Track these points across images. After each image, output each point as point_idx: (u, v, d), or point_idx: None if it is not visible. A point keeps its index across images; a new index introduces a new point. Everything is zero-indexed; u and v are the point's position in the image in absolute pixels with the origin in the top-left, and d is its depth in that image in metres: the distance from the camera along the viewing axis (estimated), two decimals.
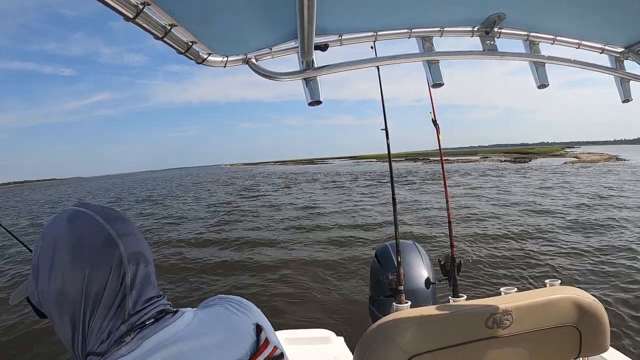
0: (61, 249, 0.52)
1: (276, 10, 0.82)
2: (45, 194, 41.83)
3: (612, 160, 31.39)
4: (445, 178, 2.13)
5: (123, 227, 0.56)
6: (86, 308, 0.51)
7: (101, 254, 0.52)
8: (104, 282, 0.51)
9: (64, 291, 0.51)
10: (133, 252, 0.55)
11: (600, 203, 10.42)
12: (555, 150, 64.11)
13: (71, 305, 0.51)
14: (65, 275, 0.51)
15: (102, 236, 0.53)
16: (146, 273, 0.56)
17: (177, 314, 0.57)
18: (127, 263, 0.53)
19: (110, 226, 0.54)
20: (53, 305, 0.52)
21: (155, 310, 0.55)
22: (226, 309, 0.62)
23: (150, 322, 0.53)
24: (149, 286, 0.56)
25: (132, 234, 0.56)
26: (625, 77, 1.22)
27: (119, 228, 0.55)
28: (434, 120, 2.03)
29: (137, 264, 0.55)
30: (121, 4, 0.61)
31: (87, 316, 0.51)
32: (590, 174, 20.10)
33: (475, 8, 0.96)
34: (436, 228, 8.32)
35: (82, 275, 0.51)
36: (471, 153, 77.33)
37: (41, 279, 0.53)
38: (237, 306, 0.64)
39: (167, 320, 0.55)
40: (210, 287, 5.63)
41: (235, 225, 10.69)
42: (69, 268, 0.51)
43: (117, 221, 0.56)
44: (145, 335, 0.52)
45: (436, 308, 0.93)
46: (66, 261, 0.51)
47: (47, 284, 0.52)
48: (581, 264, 5.47)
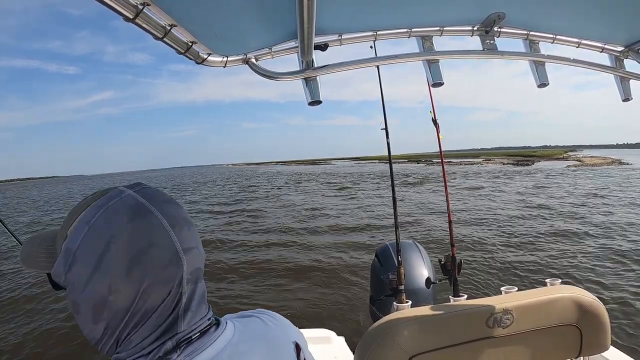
0: (117, 253, 0.43)
1: (276, 10, 0.82)
2: (50, 191, 41.81)
3: (615, 164, 31.29)
4: (446, 178, 2.13)
5: (188, 237, 0.48)
6: (129, 322, 0.45)
7: (164, 270, 0.45)
8: (159, 303, 0.45)
9: (108, 300, 0.44)
10: (193, 270, 0.48)
11: (600, 204, 10.41)
12: (557, 154, 63.99)
13: (112, 315, 0.45)
14: (115, 285, 0.43)
15: (168, 250, 0.46)
16: (202, 292, 0.51)
17: (220, 326, 0.53)
18: (187, 283, 0.47)
19: (177, 237, 0.47)
20: (88, 306, 0.45)
21: (202, 325, 0.50)
22: (263, 322, 0.59)
23: (196, 337, 0.49)
24: (202, 306, 0.51)
25: (195, 247, 0.49)
26: (625, 76, 1.22)
27: (185, 239, 0.48)
28: (434, 120, 2.03)
29: (195, 283, 0.49)
30: (121, 4, 0.61)
31: (129, 329, 0.45)
32: (593, 177, 20.07)
33: (475, 7, 0.96)
34: (436, 228, 8.31)
35: (136, 290, 0.44)
36: (473, 155, 77.30)
37: (78, 271, 0.45)
38: (274, 320, 0.61)
39: (211, 334, 0.51)
40: (210, 286, 5.63)
41: (235, 224, 10.70)
42: (123, 278, 0.43)
43: (184, 227, 0.48)
44: (191, 352, 0.47)
45: (437, 308, 0.93)
46: (121, 269, 0.43)
47: (87, 282, 0.44)
48: (582, 263, 5.46)
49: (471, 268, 5.34)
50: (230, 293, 5.29)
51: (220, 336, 0.51)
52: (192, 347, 0.48)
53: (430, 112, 2.03)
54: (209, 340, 0.50)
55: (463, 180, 20.20)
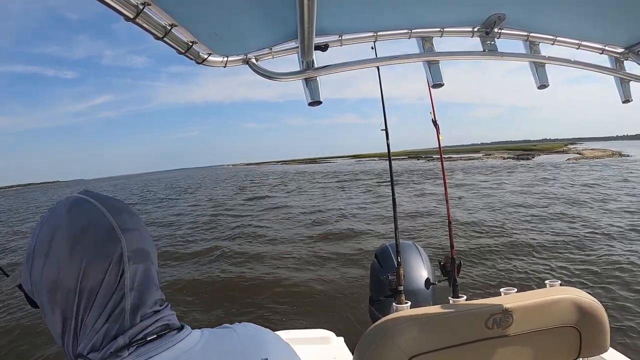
0: (60, 238, 0.48)
1: (276, 10, 0.82)
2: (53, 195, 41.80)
3: (615, 157, 31.22)
4: (445, 178, 2.13)
5: (129, 220, 0.52)
6: (80, 303, 0.48)
7: (101, 247, 0.48)
8: (101, 278, 0.48)
9: (58, 282, 0.48)
10: (136, 249, 0.50)
11: (601, 201, 10.41)
12: (557, 147, 63.79)
13: (64, 298, 0.48)
14: (61, 266, 0.47)
15: (104, 228, 0.49)
16: (149, 274, 0.52)
17: (182, 331, 0.52)
18: (128, 260, 0.49)
19: (114, 218, 0.50)
20: (45, 295, 0.49)
21: (158, 324, 0.50)
22: (238, 335, 0.55)
23: (152, 338, 0.49)
24: (151, 288, 0.52)
25: (137, 229, 0.52)
26: (626, 78, 1.22)
27: (124, 221, 0.51)
28: (434, 121, 2.03)
29: (138, 263, 0.50)
30: (121, 4, 0.61)
31: (81, 312, 0.48)
32: (594, 170, 20.06)
33: (475, 8, 0.96)
34: (436, 228, 8.31)
35: (78, 268, 0.47)
36: (474, 150, 77.25)
37: (35, 266, 0.49)
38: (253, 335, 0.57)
39: (170, 337, 0.50)
40: (211, 287, 5.63)
41: (236, 224, 10.70)
42: (66, 258, 0.47)
43: (123, 213, 0.52)
44: (143, 352, 0.47)
45: (436, 308, 0.93)
46: (64, 251, 0.48)
47: (42, 273, 0.49)
48: (581, 264, 5.46)
49: (471, 269, 5.35)
50: (231, 293, 5.30)
51: (181, 341, 0.50)
52: (145, 347, 0.48)
53: (430, 113, 2.03)
54: (166, 344, 0.49)
55: (463, 176, 20.19)
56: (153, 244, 0.55)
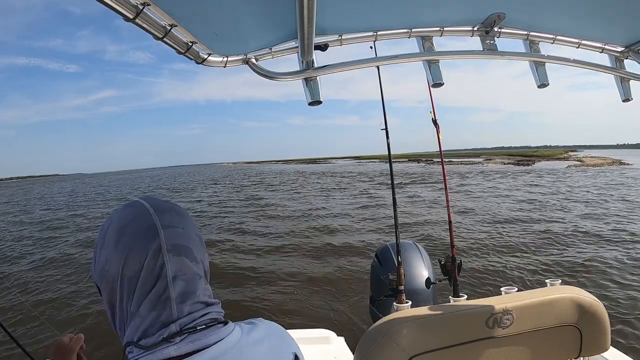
0: (110, 231, 0.54)
1: (276, 10, 0.82)
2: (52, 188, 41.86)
3: (616, 165, 31.21)
4: (446, 178, 2.13)
5: (172, 219, 0.56)
6: (122, 291, 0.52)
7: (140, 239, 0.53)
8: (139, 268, 0.52)
9: (105, 270, 0.54)
10: (175, 244, 0.54)
11: (600, 204, 10.41)
12: (558, 154, 63.79)
13: (110, 284, 0.53)
14: (109, 255, 0.53)
15: (145, 223, 0.54)
16: (192, 268, 0.55)
17: (228, 326, 0.56)
18: (167, 252, 0.53)
19: (158, 216, 0.55)
20: (100, 283, 0.56)
21: (207, 317, 0.54)
22: (266, 329, 0.62)
23: (202, 328, 0.53)
24: (196, 283, 0.55)
25: (180, 227, 0.56)
26: (625, 77, 1.22)
27: (167, 219, 0.55)
28: (434, 120, 2.03)
29: (179, 256, 0.54)
30: (121, 4, 0.61)
31: (124, 299, 0.53)
32: (595, 177, 20.07)
33: (475, 8, 0.96)
34: (436, 228, 8.31)
35: (120, 257, 0.52)
36: (474, 155, 77.18)
37: (95, 258, 0.56)
38: (276, 330, 0.64)
39: (218, 330, 0.54)
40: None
41: (235, 224, 10.70)
42: (113, 249, 0.53)
43: (169, 213, 0.56)
44: (195, 339, 0.51)
45: (436, 308, 0.93)
46: (111, 242, 0.54)
47: (96, 264, 0.55)
48: (582, 263, 5.46)
49: (471, 268, 5.34)
50: (230, 293, 5.30)
51: (228, 337, 0.54)
52: (195, 336, 0.52)
53: (430, 113, 2.03)
54: (216, 338, 0.53)
55: (463, 180, 20.20)
56: (200, 243, 0.59)
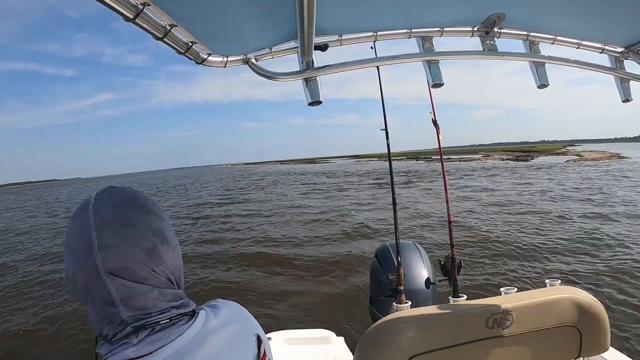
0: (66, 239, 0.56)
1: (276, 10, 0.82)
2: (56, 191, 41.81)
3: (614, 159, 31.25)
4: (446, 178, 2.13)
5: (112, 236, 0.52)
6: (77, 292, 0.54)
7: (79, 260, 0.53)
8: (84, 285, 0.53)
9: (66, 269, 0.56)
10: (112, 268, 0.52)
11: (600, 202, 10.41)
12: (556, 149, 63.78)
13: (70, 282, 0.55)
14: (65, 260, 0.55)
15: (84, 244, 0.52)
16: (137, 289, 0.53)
17: (193, 317, 0.57)
18: (106, 276, 0.51)
19: (98, 233, 0.52)
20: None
21: (168, 314, 0.54)
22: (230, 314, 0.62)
23: (165, 323, 0.53)
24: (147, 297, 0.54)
25: (117, 247, 0.52)
26: (625, 77, 1.22)
27: (106, 237, 0.52)
28: (434, 121, 2.03)
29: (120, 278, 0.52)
30: (121, 4, 0.61)
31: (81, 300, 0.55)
32: (593, 171, 20.09)
33: (475, 8, 0.96)
34: (436, 228, 8.32)
35: (70, 269, 0.54)
36: (472, 151, 77.22)
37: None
38: (238, 311, 0.65)
39: (179, 325, 0.55)
40: (210, 286, 5.63)
41: (235, 223, 10.70)
42: (66, 257, 0.55)
43: (111, 226, 0.53)
44: (155, 340, 0.52)
45: (436, 308, 0.93)
46: (65, 250, 0.55)
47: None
48: (581, 263, 5.46)
49: (471, 269, 5.35)
50: (230, 293, 5.29)
51: (191, 327, 0.55)
52: (155, 336, 0.52)
53: (430, 113, 2.03)
54: (177, 331, 0.54)
55: (462, 177, 20.21)
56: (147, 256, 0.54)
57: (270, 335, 1.98)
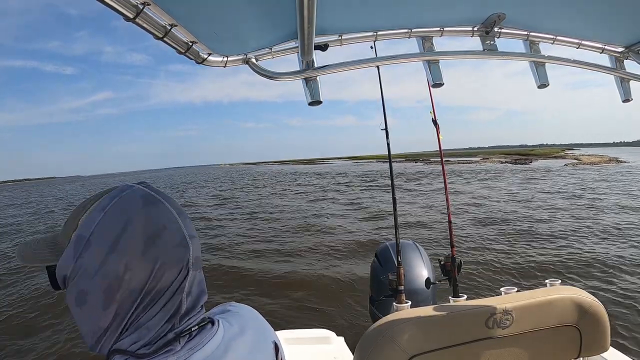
0: (134, 233, 0.47)
1: (276, 10, 0.82)
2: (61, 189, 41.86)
3: (612, 163, 31.31)
4: (446, 178, 2.13)
5: (191, 226, 0.53)
6: (141, 303, 0.47)
7: (175, 252, 0.49)
8: (171, 281, 0.48)
9: (124, 279, 0.46)
10: (197, 257, 0.52)
11: (598, 204, 10.42)
12: (554, 152, 63.84)
13: (126, 295, 0.46)
14: (132, 263, 0.46)
15: (178, 234, 0.50)
16: (202, 280, 0.54)
17: (214, 323, 0.55)
18: (192, 267, 0.51)
19: (183, 223, 0.51)
20: (100, 290, 0.46)
21: (198, 318, 0.53)
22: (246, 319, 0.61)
23: (196, 331, 0.52)
24: (203, 295, 0.54)
25: (196, 237, 0.53)
26: (626, 77, 1.22)
27: (189, 227, 0.52)
28: (434, 120, 2.03)
29: (197, 270, 0.52)
30: (121, 4, 0.61)
31: (138, 310, 0.47)
32: (592, 175, 20.10)
33: (475, 8, 0.96)
34: (436, 228, 8.31)
35: (150, 269, 0.47)
36: (471, 154, 77.26)
37: (90, 255, 0.46)
38: (253, 317, 0.64)
39: (209, 330, 0.54)
40: (208, 285, 5.62)
41: (235, 222, 10.70)
42: (138, 258, 0.46)
43: (187, 219, 0.53)
44: (193, 347, 0.50)
45: (436, 308, 0.93)
46: (137, 248, 0.46)
47: (101, 265, 0.46)
48: (581, 263, 5.46)
49: (471, 268, 5.34)
50: (229, 292, 5.29)
51: (216, 333, 0.54)
52: (193, 342, 0.51)
53: (430, 113, 2.03)
54: (208, 337, 0.52)
55: (461, 179, 20.21)
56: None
57: None
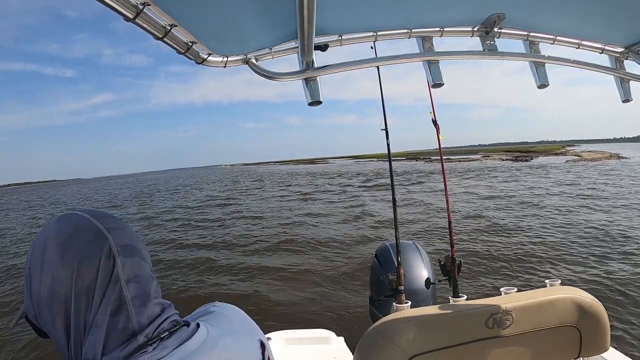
0: (50, 248, 0.50)
1: (276, 10, 0.82)
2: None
3: (613, 159, 31.29)
4: (446, 178, 2.13)
5: (112, 222, 0.53)
6: (79, 304, 0.48)
7: (89, 245, 0.50)
8: (94, 274, 0.49)
9: (54, 289, 0.49)
10: (124, 245, 0.52)
11: (598, 202, 10.41)
12: (556, 149, 63.76)
13: (62, 303, 0.49)
14: (55, 273, 0.49)
15: (90, 230, 0.51)
16: (143, 268, 0.53)
17: (190, 326, 0.54)
18: (118, 254, 0.51)
19: (99, 221, 0.52)
20: (46, 309, 0.50)
21: (167, 321, 0.53)
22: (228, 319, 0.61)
23: (166, 335, 0.51)
24: (148, 280, 0.53)
25: (122, 229, 0.54)
26: (626, 77, 1.22)
27: (108, 223, 0.53)
28: (434, 121, 2.03)
29: (129, 257, 0.52)
30: (121, 4, 0.61)
31: (82, 314, 0.48)
32: (593, 171, 20.09)
33: (475, 8, 0.96)
34: (436, 228, 8.31)
35: (71, 270, 0.48)
36: (472, 152, 77.27)
37: (33, 285, 0.51)
38: (238, 316, 0.63)
39: (184, 332, 0.53)
40: (209, 285, 5.63)
41: (235, 222, 10.71)
42: (59, 263, 0.49)
43: (106, 217, 0.54)
44: (164, 347, 0.50)
45: (436, 308, 0.93)
46: (55, 257, 0.49)
47: (39, 288, 0.50)
48: (581, 263, 5.46)
49: (471, 269, 5.35)
50: (227, 292, 5.29)
51: (197, 333, 0.53)
52: (164, 343, 0.50)
53: (430, 113, 2.03)
54: (183, 339, 0.52)
55: (461, 178, 20.21)
56: (143, 244, 0.56)
57: (270, 335, 1.98)
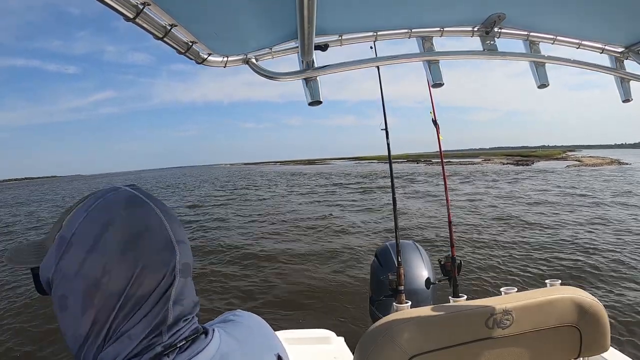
0: (113, 235, 0.44)
1: (276, 10, 0.82)
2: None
3: (614, 164, 31.29)
4: (446, 178, 2.13)
5: (179, 230, 0.49)
6: (121, 309, 0.44)
7: (158, 256, 0.46)
8: (153, 287, 0.45)
9: (101, 283, 0.43)
10: (185, 262, 0.49)
11: (600, 204, 10.41)
12: (556, 154, 63.79)
13: (104, 300, 0.44)
14: (110, 265, 0.43)
15: (163, 238, 0.47)
16: (189, 290, 0.50)
17: (208, 334, 0.51)
18: (178, 273, 0.47)
19: (170, 227, 0.48)
20: (78, 293, 0.44)
21: (189, 329, 0.49)
22: (247, 327, 0.58)
23: (187, 345, 0.48)
24: (191, 304, 0.50)
25: (186, 242, 0.50)
26: (626, 77, 1.22)
27: (177, 231, 0.49)
28: (434, 120, 2.03)
29: (184, 277, 0.48)
30: (121, 4, 0.61)
31: (119, 318, 0.44)
32: (593, 176, 20.10)
33: (475, 8, 0.96)
34: (436, 228, 8.31)
35: (130, 273, 0.44)
36: (472, 155, 77.25)
37: (70, 256, 0.44)
38: (258, 327, 0.61)
39: (201, 342, 0.50)
40: (208, 286, 5.63)
41: (235, 222, 10.70)
42: (117, 259, 0.44)
43: (175, 223, 0.49)
44: (183, 358, 0.47)
45: (436, 308, 0.93)
46: (116, 250, 0.44)
47: (79, 267, 0.44)
48: (582, 263, 5.46)
49: (471, 269, 5.34)
50: (227, 292, 5.29)
51: (209, 344, 0.50)
52: (184, 354, 0.47)
53: (430, 113, 2.03)
54: (198, 348, 0.49)
55: (462, 180, 20.21)
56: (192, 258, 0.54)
57: None
